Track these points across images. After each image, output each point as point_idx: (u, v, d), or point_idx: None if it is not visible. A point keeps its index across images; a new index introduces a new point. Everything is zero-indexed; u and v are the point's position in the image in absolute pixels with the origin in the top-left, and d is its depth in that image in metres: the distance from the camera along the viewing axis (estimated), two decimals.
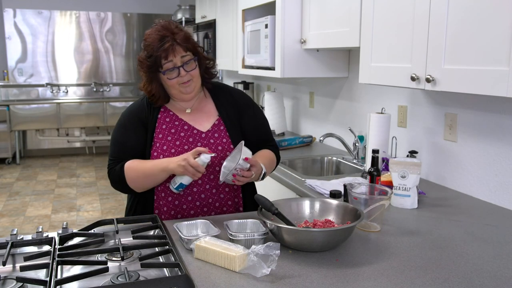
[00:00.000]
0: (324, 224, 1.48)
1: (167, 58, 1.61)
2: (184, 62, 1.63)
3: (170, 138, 1.69)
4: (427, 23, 1.65)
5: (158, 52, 1.60)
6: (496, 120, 1.87)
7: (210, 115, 1.77)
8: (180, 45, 1.61)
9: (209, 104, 1.79)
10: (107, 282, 1.17)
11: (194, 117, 1.75)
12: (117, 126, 1.76)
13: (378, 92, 2.60)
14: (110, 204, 4.89)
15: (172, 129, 1.71)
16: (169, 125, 1.72)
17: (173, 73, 1.63)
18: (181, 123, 1.73)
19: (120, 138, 1.73)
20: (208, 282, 1.18)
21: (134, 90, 7.54)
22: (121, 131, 1.73)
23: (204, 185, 1.70)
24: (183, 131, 1.71)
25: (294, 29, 2.71)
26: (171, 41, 1.60)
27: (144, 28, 7.43)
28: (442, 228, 1.58)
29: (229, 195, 1.74)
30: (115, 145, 1.74)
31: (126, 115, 1.77)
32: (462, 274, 1.23)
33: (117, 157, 1.71)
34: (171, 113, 1.74)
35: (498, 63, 1.39)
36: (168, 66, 1.62)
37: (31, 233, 1.54)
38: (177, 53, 1.61)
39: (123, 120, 1.76)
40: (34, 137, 7.08)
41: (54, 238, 1.39)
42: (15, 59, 6.92)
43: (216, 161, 1.68)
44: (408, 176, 1.78)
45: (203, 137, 1.71)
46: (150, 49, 1.62)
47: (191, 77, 1.67)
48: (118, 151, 1.72)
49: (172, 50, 1.60)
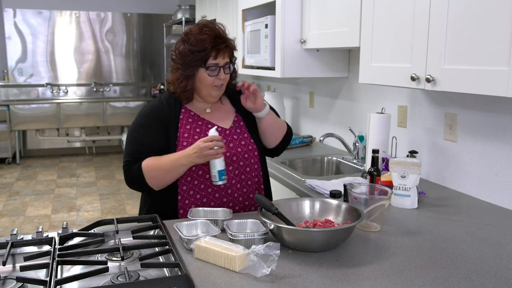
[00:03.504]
0: (324, 224, 1.48)
1: (216, 58, 1.69)
2: (225, 65, 1.72)
3: (196, 137, 1.72)
4: (427, 23, 1.65)
5: (211, 50, 1.67)
6: (496, 120, 1.87)
7: (229, 113, 1.85)
8: (230, 50, 1.73)
9: (226, 103, 1.87)
10: (107, 282, 1.17)
11: (214, 115, 1.81)
12: (135, 125, 1.77)
13: (378, 92, 2.60)
14: (110, 204, 4.89)
15: (197, 128, 1.76)
16: (193, 124, 1.77)
17: (215, 71, 1.70)
18: (204, 122, 1.78)
19: (139, 138, 1.74)
20: (208, 282, 1.18)
21: (134, 90, 7.55)
22: (141, 131, 1.75)
23: (230, 180, 1.74)
24: (207, 129, 1.75)
25: (294, 29, 2.71)
26: (225, 44, 1.70)
27: (144, 28, 7.44)
28: (442, 228, 1.58)
29: (252, 188, 1.80)
30: (133, 144, 1.75)
31: (145, 115, 1.78)
32: (462, 274, 1.23)
33: (135, 156, 1.72)
34: (192, 113, 1.79)
35: (498, 63, 1.39)
36: (213, 64, 1.69)
37: (31, 233, 1.54)
38: (225, 57, 1.71)
39: (142, 120, 1.77)
40: (34, 137, 7.08)
41: (54, 238, 1.39)
42: (15, 59, 6.92)
43: (240, 155, 1.76)
44: (408, 176, 1.78)
45: (227, 133, 1.78)
46: (202, 45, 1.66)
47: (225, 81, 1.75)
48: (136, 150, 1.73)
49: (223, 52, 1.70)
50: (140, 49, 7.49)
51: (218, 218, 1.53)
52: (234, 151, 1.76)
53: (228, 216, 1.56)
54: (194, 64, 1.68)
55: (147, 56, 7.53)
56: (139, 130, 1.76)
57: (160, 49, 7.32)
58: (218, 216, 1.57)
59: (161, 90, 7.24)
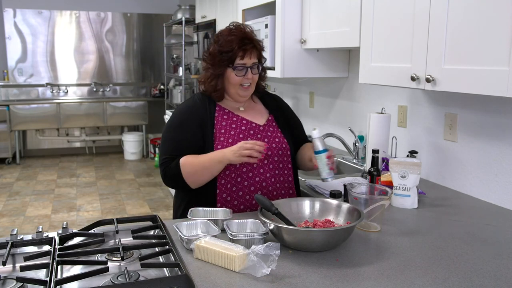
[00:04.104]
0: (324, 224, 1.48)
1: (243, 58, 1.76)
2: (253, 66, 1.78)
3: (233, 133, 1.80)
4: (427, 23, 1.65)
5: (238, 50, 1.74)
6: (496, 120, 1.87)
7: (262, 113, 1.92)
8: (257, 51, 1.80)
9: (259, 105, 1.95)
10: (107, 282, 1.17)
11: (248, 113, 1.88)
12: (172, 125, 1.84)
13: (378, 92, 2.60)
14: (110, 204, 4.89)
15: (233, 124, 1.82)
16: (228, 121, 1.83)
17: (242, 72, 1.77)
18: (239, 118, 1.85)
19: (177, 137, 1.80)
20: (208, 282, 1.18)
21: (134, 90, 7.54)
22: (178, 130, 1.81)
23: (265, 174, 1.80)
24: (243, 125, 1.83)
25: (294, 29, 2.70)
26: (252, 44, 1.77)
27: (144, 28, 7.43)
28: (442, 228, 1.58)
29: (284, 184, 1.85)
30: (170, 142, 1.81)
31: (181, 114, 1.85)
32: (462, 274, 1.23)
33: (173, 154, 1.77)
34: (226, 111, 1.85)
35: (498, 63, 1.39)
36: (240, 64, 1.76)
37: (31, 233, 1.54)
38: (252, 57, 1.78)
39: (178, 119, 1.83)
40: (34, 137, 7.08)
41: (54, 238, 1.39)
42: (15, 59, 6.91)
43: (275, 151, 1.82)
44: (408, 176, 1.78)
45: (261, 129, 1.85)
46: (230, 46, 1.74)
47: (252, 81, 1.81)
48: (174, 149, 1.78)
49: (250, 52, 1.76)
50: (140, 49, 7.49)
51: (218, 218, 1.54)
52: (269, 146, 1.81)
53: (228, 216, 1.56)
54: (222, 64, 1.76)
55: (147, 56, 7.53)
56: (175, 129, 1.82)
57: (160, 49, 7.31)
58: (218, 216, 1.57)
59: (161, 90, 7.24)
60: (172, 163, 1.75)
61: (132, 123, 7.18)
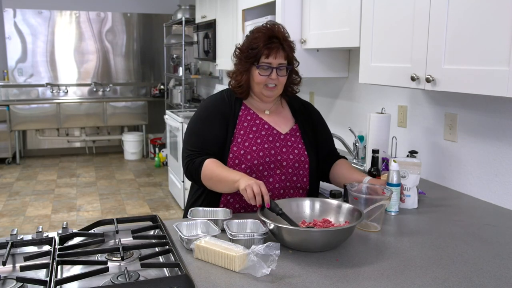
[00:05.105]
0: (323, 224, 1.48)
1: (268, 57, 1.71)
2: (279, 67, 1.72)
3: (251, 136, 1.76)
4: (427, 23, 1.65)
5: (263, 48, 1.70)
6: (496, 120, 1.87)
7: (288, 120, 1.86)
8: (284, 51, 1.73)
9: (286, 111, 1.88)
10: (107, 282, 1.17)
11: (273, 119, 1.83)
12: (198, 118, 1.81)
13: (378, 92, 2.60)
14: (110, 204, 4.89)
15: (254, 127, 1.78)
16: (250, 122, 1.79)
17: (266, 71, 1.72)
18: (262, 122, 1.80)
19: (202, 131, 1.77)
20: (208, 282, 1.18)
21: (134, 90, 7.54)
22: (204, 123, 1.78)
23: (273, 183, 1.75)
24: (263, 129, 1.78)
25: (294, 29, 2.70)
26: (278, 44, 1.71)
27: (144, 28, 7.43)
28: (442, 228, 1.58)
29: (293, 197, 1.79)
30: (195, 136, 1.77)
31: (208, 108, 1.82)
32: (462, 274, 1.23)
33: (198, 147, 1.74)
34: (251, 112, 1.81)
35: (498, 63, 1.39)
36: (265, 63, 1.71)
37: (31, 233, 1.54)
38: (278, 57, 1.71)
39: (205, 113, 1.81)
40: (34, 137, 7.07)
41: (54, 238, 1.39)
42: (15, 59, 6.91)
43: (291, 163, 1.76)
44: (408, 176, 1.78)
45: (281, 138, 1.79)
46: (256, 43, 1.71)
47: (278, 83, 1.75)
48: (200, 142, 1.75)
49: (276, 52, 1.71)
50: (140, 49, 7.48)
51: (218, 218, 1.53)
52: (285, 156, 1.76)
53: (228, 216, 1.56)
54: (248, 60, 1.73)
55: (147, 56, 7.52)
56: (202, 122, 1.79)
57: (160, 49, 7.31)
58: (218, 216, 1.57)
59: (161, 90, 7.24)
60: (198, 159, 1.71)
61: (132, 123, 7.18)
